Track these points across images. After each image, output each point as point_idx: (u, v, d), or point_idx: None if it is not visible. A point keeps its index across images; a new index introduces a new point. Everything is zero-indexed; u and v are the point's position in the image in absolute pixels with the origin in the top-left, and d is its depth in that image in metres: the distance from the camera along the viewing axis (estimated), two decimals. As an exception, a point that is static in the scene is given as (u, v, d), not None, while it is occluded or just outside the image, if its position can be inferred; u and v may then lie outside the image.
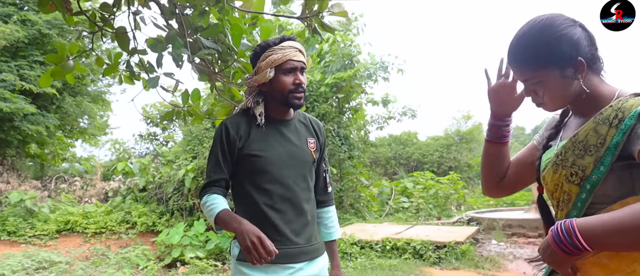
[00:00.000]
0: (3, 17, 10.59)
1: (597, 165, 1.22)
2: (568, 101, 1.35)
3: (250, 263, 1.63)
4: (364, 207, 10.46)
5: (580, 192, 1.25)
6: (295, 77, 1.85)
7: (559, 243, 1.12)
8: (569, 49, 1.27)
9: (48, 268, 7.69)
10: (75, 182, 11.69)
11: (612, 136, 1.20)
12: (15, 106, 10.27)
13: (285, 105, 1.90)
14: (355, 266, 6.16)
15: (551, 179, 1.34)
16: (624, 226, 1.05)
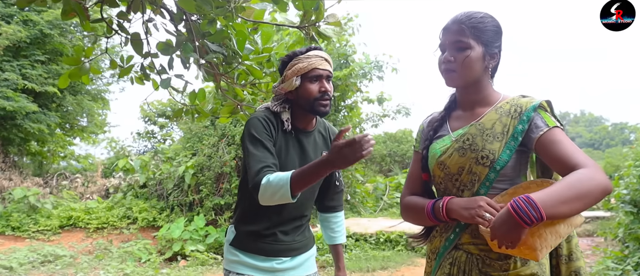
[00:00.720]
0: (5, 18, 10.80)
1: (503, 150, 1.47)
2: (470, 80, 1.55)
3: (362, 153, 1.53)
4: (359, 202, 10.75)
5: (490, 172, 1.48)
6: (321, 84, 1.90)
7: (522, 215, 1.24)
8: (499, 42, 1.56)
9: (53, 261, 7.96)
10: (76, 179, 11.92)
11: (515, 126, 1.47)
12: (18, 105, 10.49)
13: (310, 112, 1.94)
14: (350, 257, 6.44)
15: (456, 162, 1.53)
16: (567, 196, 1.25)
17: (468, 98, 1.61)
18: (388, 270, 5.57)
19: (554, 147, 1.40)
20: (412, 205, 1.66)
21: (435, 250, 1.63)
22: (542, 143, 1.43)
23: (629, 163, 4.72)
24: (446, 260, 1.57)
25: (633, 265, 4.23)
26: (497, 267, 1.46)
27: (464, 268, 1.51)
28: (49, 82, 11.42)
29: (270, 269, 1.95)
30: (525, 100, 1.51)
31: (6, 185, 11.05)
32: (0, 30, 10.17)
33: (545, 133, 1.43)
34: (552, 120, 1.48)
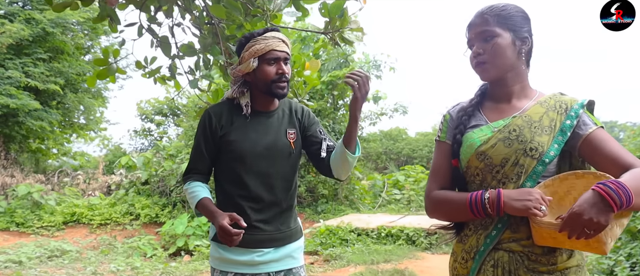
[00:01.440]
0: (9, 16, 10.91)
1: (552, 143, 1.43)
2: (504, 71, 1.50)
3: (227, 245, 1.75)
4: (358, 199, 10.98)
5: (538, 165, 1.42)
6: (278, 66, 1.87)
7: (614, 198, 1.17)
8: (528, 27, 1.52)
9: (60, 256, 8.10)
10: (77, 176, 12.04)
11: (562, 121, 1.44)
12: (20, 102, 10.61)
13: (268, 95, 1.92)
14: (353, 251, 6.66)
15: (500, 153, 1.45)
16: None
17: (505, 89, 1.54)
18: (391, 262, 5.79)
19: (604, 144, 1.39)
20: (445, 199, 1.53)
21: (472, 249, 1.48)
22: (590, 140, 1.41)
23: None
24: (487, 262, 1.44)
25: (625, 256, 4.48)
26: (544, 262, 1.38)
27: (508, 269, 1.41)
28: (51, 79, 11.54)
29: (250, 262, 1.87)
30: (569, 98, 1.50)
31: (8, 182, 11.16)
32: (4, 29, 10.28)
33: (594, 131, 1.42)
34: (597, 119, 1.47)
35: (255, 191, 1.89)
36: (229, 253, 1.87)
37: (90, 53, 14.11)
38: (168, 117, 19.92)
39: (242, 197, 1.88)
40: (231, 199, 1.89)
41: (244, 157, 1.88)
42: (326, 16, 2.55)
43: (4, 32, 10.24)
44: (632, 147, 5.11)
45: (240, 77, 1.95)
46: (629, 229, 4.63)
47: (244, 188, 1.89)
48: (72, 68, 12.57)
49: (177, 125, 20.05)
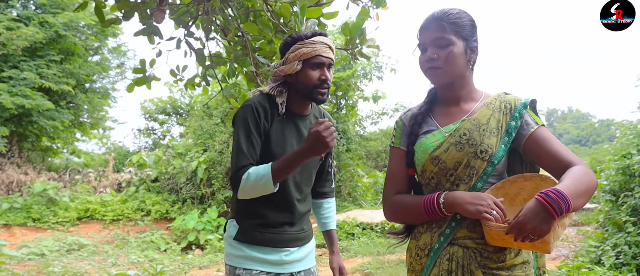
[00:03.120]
0: (24, 20, 11.29)
1: (499, 145, 1.49)
2: (455, 76, 1.54)
3: (327, 143, 1.63)
4: (360, 195, 11.41)
5: (488, 166, 1.49)
6: (321, 72, 1.84)
7: (555, 206, 1.25)
8: (476, 36, 1.58)
9: (78, 249, 8.51)
10: (89, 174, 12.43)
11: (507, 122, 1.50)
12: (35, 102, 10.99)
13: (307, 99, 1.90)
14: (359, 244, 7.09)
15: (453, 157, 1.50)
16: (581, 191, 1.32)
17: (453, 94, 1.60)
18: (396, 254, 6.21)
19: (545, 144, 1.45)
20: (403, 203, 1.60)
21: (426, 247, 1.54)
22: (533, 140, 1.47)
23: (609, 158, 5.41)
24: (443, 256, 1.51)
25: (611, 246, 4.91)
26: (495, 259, 1.46)
27: (462, 263, 1.48)
28: (63, 80, 11.93)
29: (278, 262, 1.87)
30: (512, 97, 1.56)
31: (23, 179, 11.55)
32: (20, 32, 10.66)
33: (536, 130, 1.48)
34: (538, 118, 1.52)
35: (286, 193, 1.88)
36: (257, 252, 1.84)
37: (98, 54, 14.48)
38: (171, 116, 20.34)
39: (273, 197, 1.81)
40: (259, 199, 1.80)
41: (280, 157, 1.80)
42: (347, 34, 2.96)
43: (19, 36, 10.62)
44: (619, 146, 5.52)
45: (281, 77, 1.90)
46: (614, 222, 5.07)
47: (278, 188, 1.80)
48: (82, 69, 12.96)
49: (180, 124, 20.51)
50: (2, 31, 10.53)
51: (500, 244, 1.41)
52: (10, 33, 10.64)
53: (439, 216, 1.50)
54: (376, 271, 5.25)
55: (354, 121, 12.47)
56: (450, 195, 1.47)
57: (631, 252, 4.62)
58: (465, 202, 1.43)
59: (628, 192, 4.99)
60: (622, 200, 5.04)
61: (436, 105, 1.65)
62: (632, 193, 4.91)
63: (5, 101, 10.44)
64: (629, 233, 4.79)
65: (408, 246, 1.64)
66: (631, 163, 4.95)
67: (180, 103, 19.72)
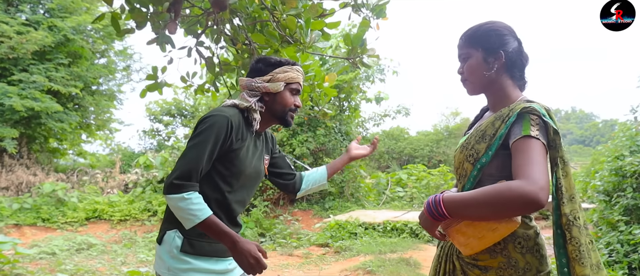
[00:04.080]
0: (33, 24, 11.53)
1: (486, 150, 1.53)
2: (483, 85, 1.64)
3: (252, 273, 1.72)
4: (363, 196, 11.59)
5: (473, 170, 1.56)
6: (296, 99, 1.97)
7: (428, 211, 1.44)
8: (496, 41, 1.60)
9: (87, 249, 8.72)
10: (96, 175, 12.66)
11: (501, 129, 1.51)
12: (44, 105, 11.22)
13: (278, 120, 1.97)
14: (362, 243, 7.27)
15: (457, 158, 1.67)
16: (476, 201, 1.35)
17: (491, 100, 1.68)
18: (397, 252, 6.40)
19: (516, 155, 1.42)
20: None
21: None
22: (513, 149, 1.45)
23: (602, 159, 5.59)
24: (440, 244, 1.75)
25: (604, 244, 5.09)
26: (470, 256, 1.56)
27: (447, 252, 1.66)
28: (71, 83, 12.16)
29: (224, 270, 1.89)
30: (519, 106, 1.51)
31: (32, 180, 11.79)
32: (30, 36, 10.90)
33: (516, 140, 1.44)
34: (530, 128, 1.44)
35: (235, 206, 1.91)
36: (205, 263, 1.81)
37: (104, 56, 14.72)
38: (175, 117, 20.59)
39: (222, 209, 1.86)
40: (210, 206, 1.78)
41: (239, 175, 1.87)
42: (349, 45, 3.15)
43: (29, 40, 10.85)
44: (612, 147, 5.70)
45: (259, 94, 1.92)
46: (608, 221, 5.25)
47: (226, 203, 1.87)
48: (90, 72, 13.20)
49: (185, 126, 20.75)
50: (13, 35, 10.77)
51: None
52: (20, 37, 10.88)
53: None
54: (378, 270, 5.44)
55: (356, 122, 12.67)
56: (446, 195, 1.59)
57: (623, 250, 4.80)
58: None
59: (621, 192, 5.17)
60: (615, 200, 5.22)
61: (488, 111, 1.77)
62: (625, 193, 5.09)
63: (16, 104, 10.68)
64: (622, 231, 4.97)
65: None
66: (623, 164, 5.13)
67: (184, 105, 19.98)
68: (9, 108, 11.01)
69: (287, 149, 11.15)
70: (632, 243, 4.71)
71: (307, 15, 2.97)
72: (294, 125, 11.12)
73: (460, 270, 1.59)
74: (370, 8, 3.39)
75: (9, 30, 10.83)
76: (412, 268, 5.67)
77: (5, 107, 11.05)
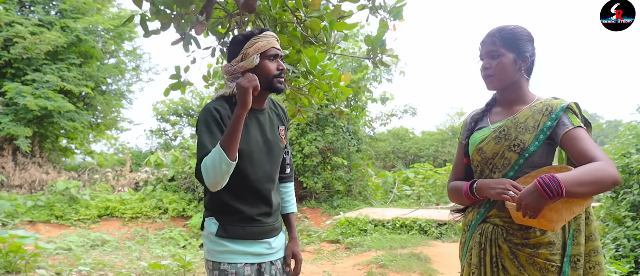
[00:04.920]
0: (46, 25, 11.73)
1: (533, 141, 1.70)
2: (506, 83, 1.81)
3: (249, 88, 1.74)
4: (370, 194, 11.75)
5: (519, 158, 1.73)
6: (278, 63, 1.93)
7: (546, 188, 1.47)
8: (529, 49, 1.80)
9: (101, 245, 8.90)
10: (107, 173, 12.85)
11: (545, 122, 1.70)
12: (57, 104, 11.42)
13: (268, 90, 1.95)
14: (372, 239, 7.43)
15: (492, 148, 1.78)
16: (584, 180, 1.49)
17: (507, 97, 1.85)
18: (407, 248, 6.54)
19: (576, 142, 1.63)
20: (455, 187, 1.92)
21: (469, 223, 1.86)
22: (566, 138, 1.65)
23: (609, 156, 5.73)
24: (477, 231, 1.80)
25: (611, 239, 5.23)
26: (519, 236, 1.70)
27: (490, 237, 1.75)
28: (83, 83, 12.36)
29: (260, 253, 1.95)
30: (556, 102, 1.73)
31: (45, 178, 12.00)
32: (43, 37, 11.10)
33: (570, 130, 1.65)
34: (577, 120, 1.68)
35: (260, 186, 1.94)
36: (240, 246, 1.90)
37: (114, 57, 14.91)
38: (182, 117, 20.79)
39: (247, 192, 1.93)
40: (235, 194, 1.90)
41: (250, 154, 1.91)
42: (369, 45, 3.31)
43: (42, 40, 11.05)
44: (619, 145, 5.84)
45: (240, 74, 1.92)
46: (615, 217, 5.39)
47: (249, 183, 1.92)
48: (100, 71, 13.40)
49: (192, 125, 20.95)
50: (27, 36, 10.97)
51: (521, 222, 1.63)
52: (34, 37, 11.07)
53: (476, 200, 1.82)
54: (390, 264, 5.59)
55: (363, 122, 12.82)
56: (480, 182, 1.77)
57: (630, 245, 4.94)
58: (489, 187, 1.71)
59: (627, 188, 5.31)
60: (621, 197, 5.36)
61: (496, 106, 1.93)
62: (631, 190, 5.23)
63: (30, 103, 10.88)
64: (628, 227, 5.11)
65: (462, 222, 1.96)
66: (630, 162, 5.27)
67: (191, 105, 20.18)
68: (23, 108, 11.21)
69: (296, 148, 11.32)
70: (638, 237, 4.85)
71: (330, 16, 3.13)
72: (303, 124, 11.28)
73: (509, 251, 1.71)
74: (387, 10, 3.54)
75: (23, 31, 11.03)
76: (423, 262, 5.82)
77: (19, 106, 11.26)
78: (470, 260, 1.81)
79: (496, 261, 1.74)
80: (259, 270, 1.96)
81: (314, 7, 3.27)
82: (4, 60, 11.47)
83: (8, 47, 11.43)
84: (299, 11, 3.53)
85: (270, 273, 1.99)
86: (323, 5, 3.45)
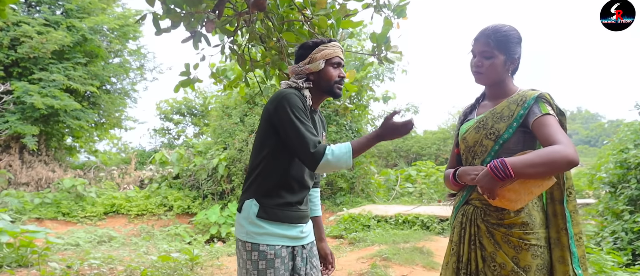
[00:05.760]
0: (53, 24, 11.88)
1: (507, 129, 1.86)
2: (494, 80, 1.95)
3: (405, 131, 1.91)
4: (373, 191, 11.87)
5: (494, 145, 1.88)
6: (339, 71, 2.12)
7: (496, 171, 1.65)
8: (516, 49, 1.93)
9: (108, 241, 9.04)
10: (112, 171, 12.99)
11: (518, 111, 1.85)
12: (63, 103, 11.56)
13: (327, 94, 2.14)
14: (375, 234, 7.54)
15: (472, 137, 1.95)
16: (534, 162, 1.64)
17: (494, 92, 2.01)
18: (410, 242, 6.66)
19: (542, 128, 1.77)
20: (446, 175, 2.09)
21: (455, 205, 2.04)
22: (535, 125, 1.80)
23: (608, 153, 5.86)
24: (459, 212, 1.98)
25: (610, 233, 5.36)
26: (495, 216, 1.85)
27: (470, 217, 1.92)
28: (88, 82, 12.50)
29: (295, 236, 2.08)
30: (530, 92, 1.88)
31: (51, 176, 12.15)
32: (50, 37, 11.24)
33: (538, 118, 1.79)
34: (547, 108, 1.82)
35: (306, 177, 2.11)
36: (278, 228, 2.03)
37: (118, 56, 15.05)
38: (185, 116, 20.94)
39: (295, 179, 2.06)
40: (286, 178, 2.04)
41: None
42: (374, 42, 3.43)
43: (49, 40, 11.20)
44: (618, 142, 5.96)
45: (305, 75, 2.12)
46: (613, 211, 5.51)
47: (299, 172, 2.07)
48: (105, 71, 13.54)
49: (195, 125, 21.11)
50: (34, 35, 11.12)
51: (496, 204, 1.77)
52: (41, 37, 11.22)
53: (460, 185, 1.99)
54: (393, 257, 5.71)
55: (365, 120, 12.95)
56: (461, 169, 1.94)
57: (627, 238, 5.07)
58: (466, 174, 1.89)
59: (625, 183, 5.43)
60: (620, 191, 5.48)
61: (483, 100, 2.09)
62: (629, 185, 5.35)
63: (37, 102, 11.03)
64: (626, 220, 5.23)
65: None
66: (628, 157, 5.39)
67: (194, 104, 20.33)
68: (30, 106, 11.36)
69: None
70: (636, 230, 4.97)
71: (337, 14, 3.25)
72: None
73: (486, 230, 1.86)
74: (392, 8, 3.66)
75: (30, 31, 11.17)
76: (426, 256, 5.94)
77: (26, 105, 11.41)
78: (452, 238, 1.99)
79: (474, 239, 1.89)
80: (292, 252, 2.09)
81: (321, 6, 3.39)
82: (11, 60, 11.63)
83: (15, 46, 11.59)
84: (306, 10, 3.66)
85: (301, 256, 2.12)
86: (329, 3, 3.58)
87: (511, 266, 1.79)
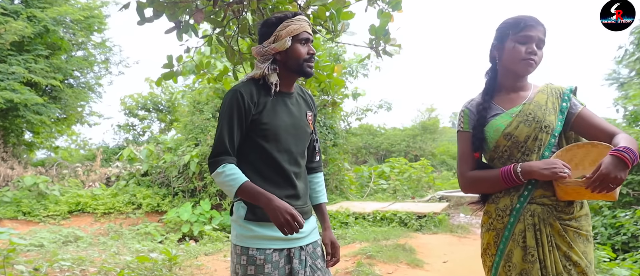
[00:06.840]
0: (12, 14, 11.27)
1: (557, 121, 1.85)
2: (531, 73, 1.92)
3: (284, 234, 1.76)
4: (346, 188, 11.82)
5: (551, 138, 1.84)
6: (309, 47, 1.95)
7: (628, 158, 1.58)
8: None
9: (74, 241, 8.64)
10: (77, 168, 12.47)
11: (560, 103, 1.87)
12: (24, 97, 11.01)
13: (297, 73, 1.96)
14: (354, 231, 7.48)
15: (523, 132, 1.84)
16: (636, 146, 1.64)
17: (518, 84, 1.93)
18: (391, 239, 6.63)
19: (593, 119, 1.83)
20: (481, 177, 1.91)
21: (507, 208, 1.84)
22: (581, 117, 1.84)
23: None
24: (525, 213, 1.81)
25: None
26: (567, 211, 1.79)
27: (542, 217, 1.79)
28: (51, 75, 11.94)
29: (290, 237, 1.91)
30: (558, 86, 1.92)
31: (10, 174, 11.54)
32: (9, 27, 10.66)
33: (582, 110, 1.85)
34: (581, 101, 1.89)
35: (287, 167, 1.95)
36: (266, 230, 1.88)
37: (82, 49, 14.48)
38: (151, 112, 20.38)
39: (274, 174, 1.92)
40: (262, 177, 1.91)
41: (277, 136, 1.92)
42: (373, 35, 3.33)
43: (8, 30, 10.62)
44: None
45: (271, 56, 1.94)
46: (592, 206, 5.60)
47: (276, 165, 1.93)
48: (68, 64, 12.99)
49: (161, 121, 20.58)
50: (-8, 25, 10.54)
51: (574, 198, 1.74)
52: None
53: (516, 183, 1.81)
54: (377, 254, 5.65)
55: (338, 117, 12.89)
56: (525, 165, 1.78)
57: (607, 233, 5.16)
58: (540, 169, 1.74)
59: (604, 179, 5.53)
60: (598, 187, 5.58)
61: (496, 94, 1.97)
62: (608, 180, 5.45)
63: (-5, 95, 10.46)
64: (605, 216, 5.33)
65: (486, 209, 1.94)
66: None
67: (160, 100, 19.79)
68: (-13, 100, 10.76)
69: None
70: (616, 225, 5.06)
71: (337, 5, 3.13)
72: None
73: (560, 228, 1.78)
74: (386, 1, 3.57)
75: (-13, 20, 10.59)
76: (408, 253, 5.91)
77: (-18, 99, 10.80)
78: (525, 243, 1.81)
79: (550, 240, 1.78)
80: (288, 255, 1.93)
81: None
82: (-34, 50, 10.98)
83: (-30, 36, 10.94)
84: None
85: (299, 258, 1.94)
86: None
87: (585, 263, 1.76)
